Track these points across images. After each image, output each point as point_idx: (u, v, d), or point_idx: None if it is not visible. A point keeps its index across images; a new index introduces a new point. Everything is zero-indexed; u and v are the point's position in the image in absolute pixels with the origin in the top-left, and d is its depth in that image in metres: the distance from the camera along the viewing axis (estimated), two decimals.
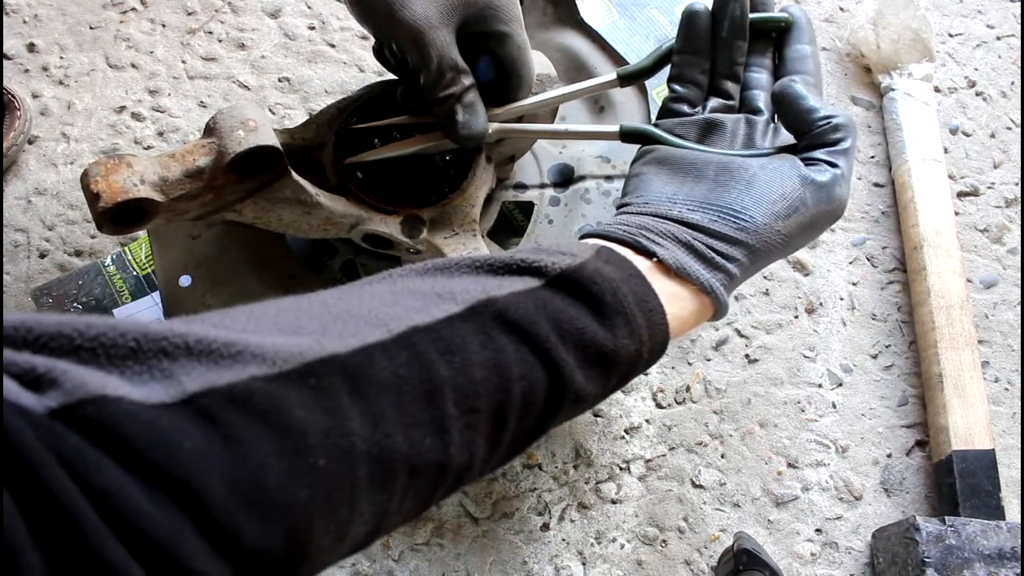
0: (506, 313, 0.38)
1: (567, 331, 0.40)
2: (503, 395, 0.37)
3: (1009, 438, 0.90)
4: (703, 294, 0.47)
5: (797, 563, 0.84)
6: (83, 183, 0.61)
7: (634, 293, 0.43)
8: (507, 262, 0.42)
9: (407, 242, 0.77)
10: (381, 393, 0.33)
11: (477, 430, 0.36)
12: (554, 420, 0.41)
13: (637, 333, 0.43)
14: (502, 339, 0.37)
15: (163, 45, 1.02)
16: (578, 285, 0.41)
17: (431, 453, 0.34)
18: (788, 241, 0.49)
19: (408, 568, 0.81)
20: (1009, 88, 1.08)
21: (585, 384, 0.41)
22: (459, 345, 0.36)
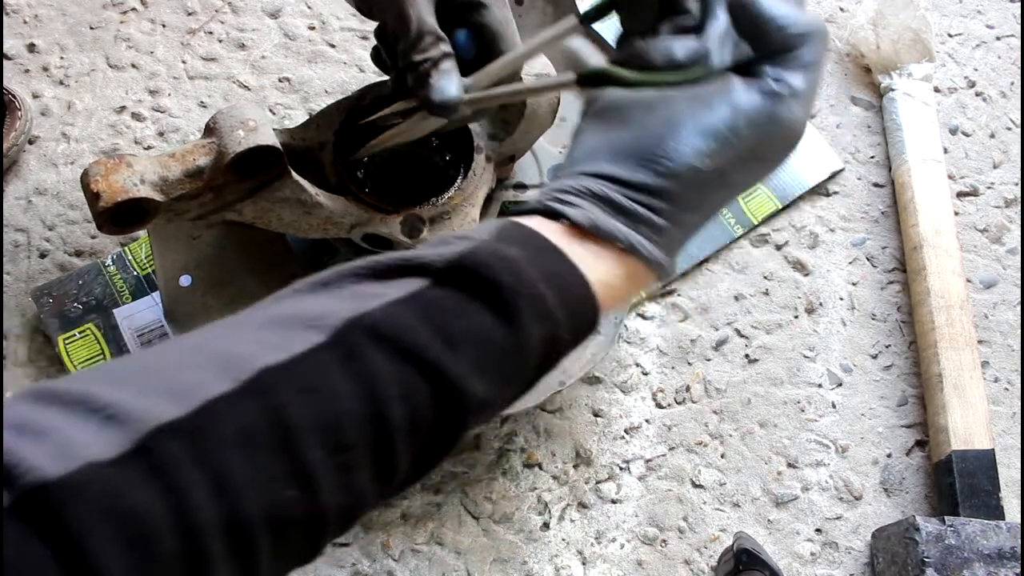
0: (378, 328, 0.35)
1: (454, 333, 0.36)
2: (379, 423, 0.34)
3: (1009, 438, 0.90)
4: (628, 253, 0.42)
5: (797, 563, 0.84)
6: (83, 183, 0.61)
7: (542, 269, 0.39)
8: (391, 264, 0.39)
9: (407, 242, 0.77)
10: (226, 452, 0.30)
11: (356, 468, 0.33)
12: (463, 431, 0.37)
13: (548, 313, 0.38)
14: (374, 360, 0.34)
15: (163, 45, 1.02)
16: (468, 275, 0.37)
17: (296, 506, 0.31)
18: (725, 180, 0.42)
19: (408, 568, 0.81)
20: (1009, 88, 1.08)
21: (488, 387, 0.37)
22: (319, 379, 0.33)
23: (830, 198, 1.00)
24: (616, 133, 0.43)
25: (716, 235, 0.95)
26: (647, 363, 0.90)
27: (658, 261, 0.42)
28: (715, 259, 0.95)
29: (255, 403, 0.31)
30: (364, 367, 0.34)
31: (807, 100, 0.42)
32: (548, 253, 0.40)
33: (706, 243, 0.95)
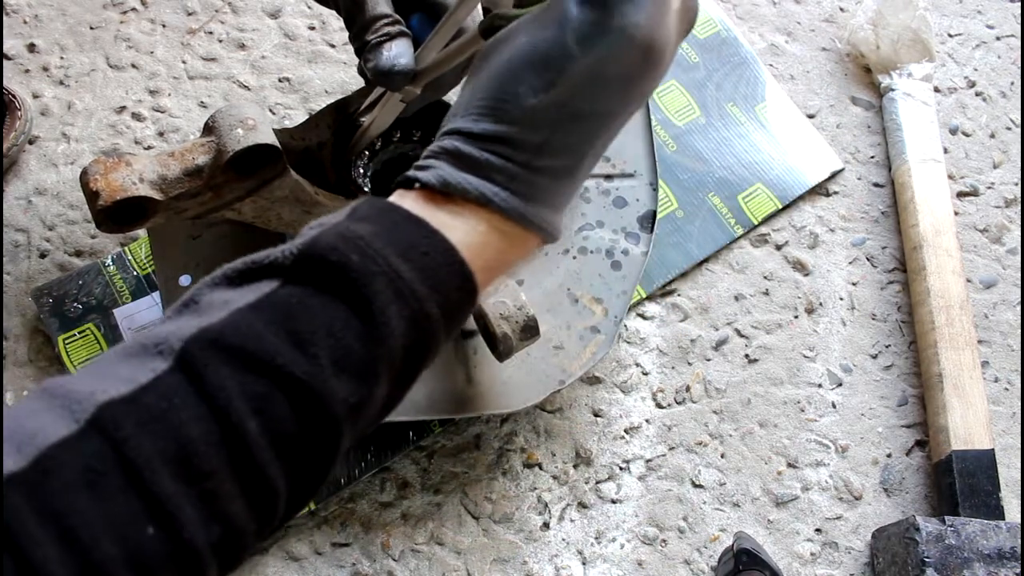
0: (223, 341, 0.33)
1: (304, 333, 0.34)
2: (235, 443, 0.32)
3: (1009, 438, 0.90)
4: (486, 208, 0.39)
5: (797, 563, 0.84)
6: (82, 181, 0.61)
7: (396, 242, 0.36)
8: (242, 268, 0.37)
9: None
10: (73, 498, 0.28)
11: (222, 494, 0.31)
12: (339, 437, 0.35)
13: (408, 290, 0.36)
14: (220, 376, 0.32)
15: (163, 45, 1.02)
16: (316, 264, 0.35)
17: (158, 545, 0.30)
18: (573, 111, 0.37)
19: (408, 568, 0.81)
20: (1009, 88, 1.08)
21: (352, 384, 0.35)
22: (164, 407, 0.31)
23: (830, 198, 1.00)
24: (475, 83, 0.40)
25: (716, 235, 0.95)
26: (647, 363, 0.90)
27: (519, 211, 0.39)
28: (715, 259, 0.95)
29: (97, 442, 0.30)
30: (210, 386, 0.32)
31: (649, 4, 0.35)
32: (404, 224, 0.37)
33: (706, 243, 0.95)
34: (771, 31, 1.09)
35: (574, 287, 0.83)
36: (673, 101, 1.02)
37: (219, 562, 0.32)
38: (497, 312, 0.70)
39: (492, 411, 0.79)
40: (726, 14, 1.08)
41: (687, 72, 1.03)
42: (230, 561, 0.33)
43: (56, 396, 0.31)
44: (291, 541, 0.81)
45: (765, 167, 0.99)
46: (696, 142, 1.00)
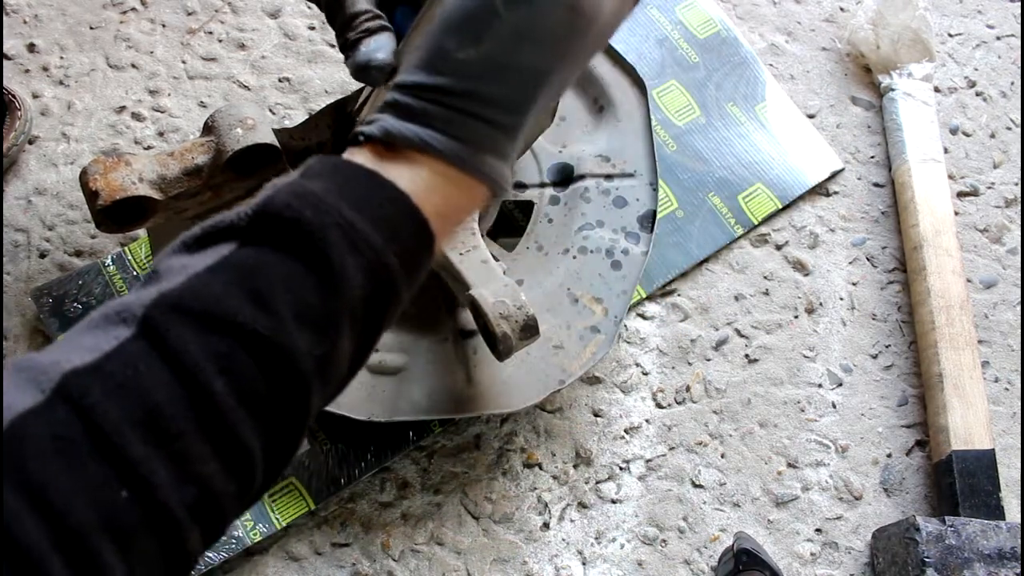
0: (183, 304, 0.33)
1: (264, 290, 0.34)
2: (203, 404, 0.32)
3: (1009, 438, 0.90)
4: (427, 154, 0.40)
5: (797, 563, 0.84)
6: (82, 181, 0.61)
7: (348, 195, 0.37)
8: (200, 233, 0.37)
9: None
10: (43, 466, 0.29)
11: (193, 457, 0.32)
12: (309, 393, 0.35)
13: (362, 240, 0.36)
14: (183, 338, 0.32)
15: (163, 45, 1.02)
16: (271, 222, 0.36)
17: (132, 508, 0.30)
18: (504, 65, 0.39)
19: (408, 568, 0.81)
20: (1009, 88, 1.08)
21: (315, 337, 0.35)
22: (129, 373, 0.31)
23: (830, 198, 1.00)
24: (418, 40, 0.42)
25: (716, 235, 0.95)
26: (647, 363, 0.90)
27: (459, 155, 0.40)
28: (715, 259, 0.95)
29: (64, 410, 0.30)
30: (173, 349, 0.32)
31: None
32: (355, 177, 0.39)
33: (706, 243, 0.95)
34: (771, 31, 1.09)
35: (574, 287, 0.83)
36: (673, 101, 1.02)
37: (200, 526, 0.32)
38: (497, 312, 0.69)
39: (492, 411, 0.79)
40: (726, 14, 1.08)
41: (687, 72, 1.03)
42: (211, 526, 0.33)
43: (22, 369, 0.31)
44: (291, 541, 0.81)
45: (765, 167, 0.99)
46: (696, 142, 1.00)
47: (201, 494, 0.32)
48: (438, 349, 0.81)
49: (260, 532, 0.79)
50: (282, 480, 0.81)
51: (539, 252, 0.86)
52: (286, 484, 0.81)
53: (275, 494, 0.81)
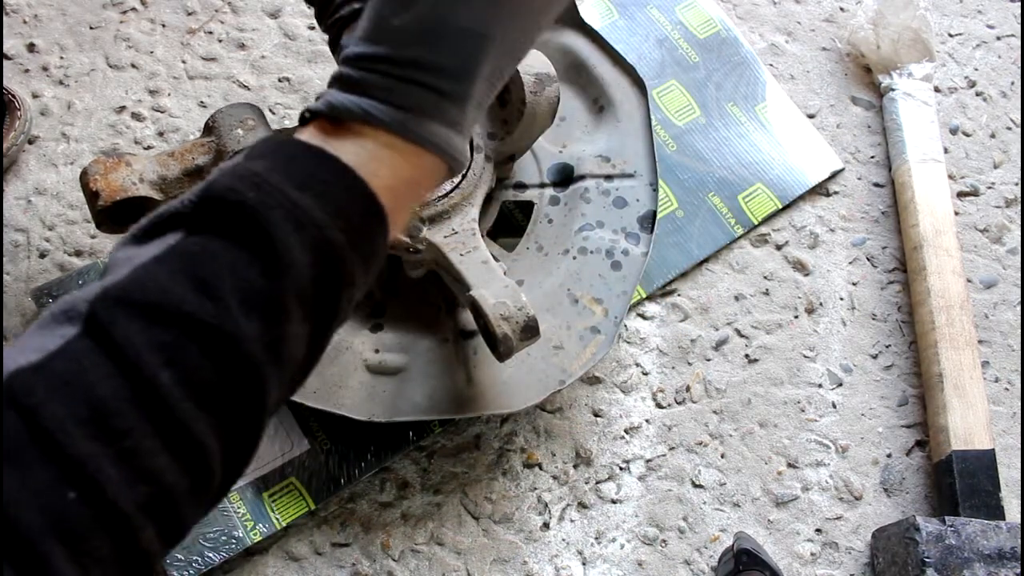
0: (127, 296, 0.32)
1: (208, 278, 0.33)
2: (150, 398, 0.31)
3: (1009, 438, 0.90)
4: (370, 125, 0.39)
5: (797, 563, 0.84)
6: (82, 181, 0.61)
7: (291, 174, 0.36)
8: (147, 224, 0.36)
9: (407, 242, 0.76)
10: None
11: (143, 452, 0.31)
12: (261, 381, 0.34)
13: (307, 218, 0.35)
14: (127, 332, 0.32)
15: (163, 45, 1.02)
16: (214, 206, 0.35)
17: (81, 509, 0.29)
18: (441, 33, 0.39)
19: (408, 568, 0.81)
20: (1009, 88, 1.08)
21: (263, 323, 0.34)
22: (74, 370, 0.31)
23: (830, 198, 1.00)
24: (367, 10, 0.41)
25: (716, 235, 0.95)
26: (647, 363, 0.90)
27: (403, 123, 0.39)
28: (715, 259, 0.95)
29: (10, 414, 0.30)
30: (118, 343, 0.32)
31: None
32: (300, 155, 0.38)
33: (706, 243, 0.95)
34: (771, 31, 1.09)
35: (574, 287, 0.83)
36: (673, 101, 1.02)
37: (155, 524, 0.32)
38: (497, 312, 0.70)
39: (492, 411, 0.79)
40: (726, 14, 1.08)
41: (687, 72, 1.03)
42: (169, 524, 0.32)
43: None
44: (291, 541, 0.81)
45: (765, 167, 0.99)
46: (696, 142, 1.00)
47: (153, 491, 0.31)
48: (438, 349, 0.81)
49: (260, 532, 0.79)
50: (282, 480, 0.81)
51: (539, 252, 0.86)
52: (286, 484, 0.81)
53: (275, 494, 0.81)
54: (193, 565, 0.77)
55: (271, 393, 0.35)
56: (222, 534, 0.79)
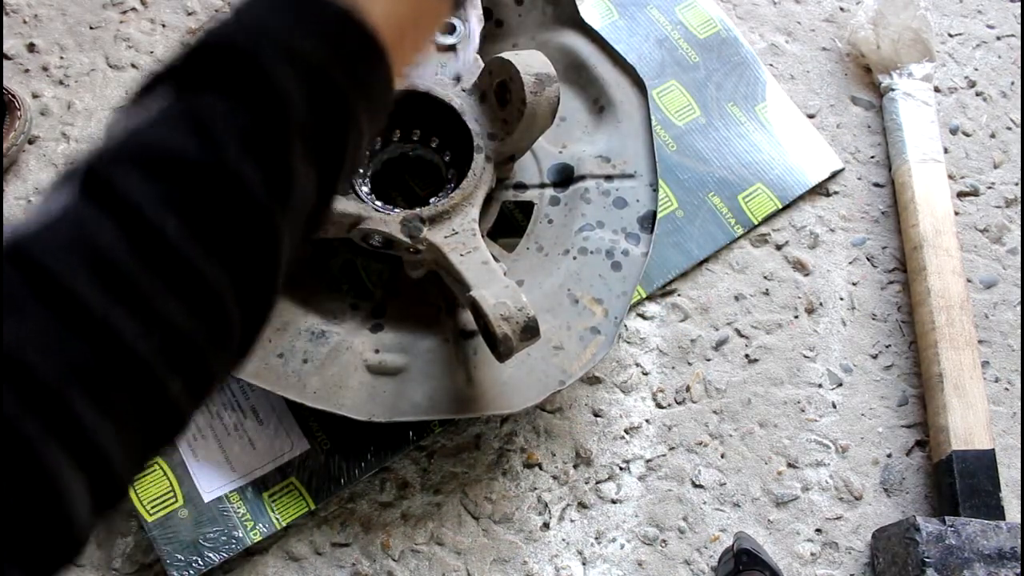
0: (124, 153, 0.32)
1: (206, 125, 0.32)
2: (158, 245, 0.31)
3: (1009, 438, 0.90)
4: None
5: (797, 563, 0.84)
6: None
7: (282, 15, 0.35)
8: (139, 87, 0.35)
9: (407, 242, 0.77)
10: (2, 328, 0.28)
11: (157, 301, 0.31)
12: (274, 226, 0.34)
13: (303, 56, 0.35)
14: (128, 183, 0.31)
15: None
16: (205, 57, 0.34)
17: (102, 359, 0.29)
18: None
19: (408, 568, 0.81)
20: (1009, 88, 1.08)
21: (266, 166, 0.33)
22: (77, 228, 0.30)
23: (830, 198, 1.00)
24: None
25: (716, 235, 0.95)
26: (647, 363, 0.90)
27: None
28: (715, 259, 0.95)
29: (12, 271, 0.29)
30: (119, 195, 0.31)
31: None
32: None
33: (706, 243, 0.95)
34: (771, 31, 1.09)
35: (574, 288, 0.83)
36: (673, 101, 1.02)
37: (179, 374, 0.31)
38: (498, 313, 0.70)
39: (492, 411, 0.79)
40: (726, 14, 1.08)
41: (687, 72, 1.03)
42: (194, 376, 0.32)
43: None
44: (291, 541, 0.81)
45: (765, 167, 0.99)
46: (696, 142, 1.00)
47: (171, 339, 0.31)
48: (438, 350, 0.81)
49: (260, 532, 0.79)
50: (282, 480, 0.81)
51: (539, 253, 0.86)
52: (286, 484, 0.81)
53: (275, 494, 0.81)
54: (193, 565, 0.77)
55: (282, 237, 0.34)
56: (222, 534, 0.79)
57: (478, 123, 0.83)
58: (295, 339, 0.80)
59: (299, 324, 0.81)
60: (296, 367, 0.79)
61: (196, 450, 0.82)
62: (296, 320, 0.81)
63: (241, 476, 0.81)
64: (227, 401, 0.83)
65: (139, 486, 0.80)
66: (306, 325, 0.81)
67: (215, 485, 0.81)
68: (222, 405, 0.83)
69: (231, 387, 0.84)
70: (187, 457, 0.81)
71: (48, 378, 0.28)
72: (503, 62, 0.79)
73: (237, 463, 0.82)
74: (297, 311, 0.81)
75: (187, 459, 0.81)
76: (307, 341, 0.80)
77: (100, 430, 0.29)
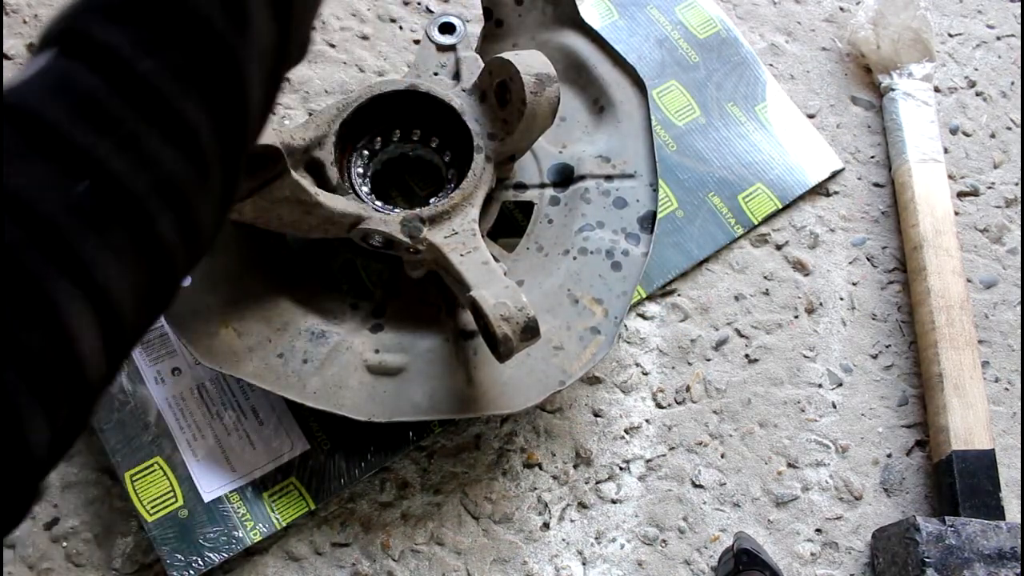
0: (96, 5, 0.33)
1: None
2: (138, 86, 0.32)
3: (1009, 438, 0.90)
4: None
5: (797, 563, 0.84)
6: None
7: None
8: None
9: (407, 242, 0.77)
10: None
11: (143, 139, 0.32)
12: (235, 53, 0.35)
13: None
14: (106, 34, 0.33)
15: None
16: None
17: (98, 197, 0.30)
18: None
19: (408, 568, 0.81)
20: (1009, 88, 1.08)
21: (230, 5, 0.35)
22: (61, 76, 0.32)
23: (830, 198, 1.00)
24: None
25: (716, 235, 0.95)
26: (647, 363, 0.90)
27: None
28: (715, 259, 0.95)
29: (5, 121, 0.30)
30: (98, 44, 0.32)
31: None
32: None
33: (706, 243, 0.95)
34: (771, 31, 1.09)
35: (574, 288, 0.83)
36: (673, 101, 1.02)
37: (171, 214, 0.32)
38: (498, 313, 0.70)
39: (492, 412, 0.79)
40: (726, 14, 1.08)
41: (687, 72, 1.03)
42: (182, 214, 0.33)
43: None
44: (291, 541, 0.81)
45: (765, 167, 0.99)
46: (696, 142, 1.00)
47: (159, 176, 0.32)
48: (438, 350, 0.81)
49: (260, 532, 0.79)
50: (282, 480, 0.81)
51: (539, 253, 0.86)
52: (286, 484, 0.81)
53: (275, 494, 0.81)
54: (193, 565, 0.77)
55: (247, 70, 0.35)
56: (222, 534, 0.79)
57: (478, 123, 0.83)
58: (295, 339, 0.80)
59: (299, 324, 0.81)
60: (296, 367, 0.79)
61: (196, 450, 0.82)
62: (296, 320, 0.81)
63: (241, 476, 0.81)
64: (227, 401, 0.83)
65: (139, 486, 0.80)
66: (306, 325, 0.81)
67: (215, 485, 0.81)
68: (222, 405, 0.83)
69: (231, 387, 0.84)
70: (187, 457, 0.81)
71: (48, 213, 0.29)
72: (503, 62, 0.79)
73: (237, 463, 0.82)
74: (297, 311, 0.82)
75: (187, 459, 0.81)
76: (307, 341, 0.80)
77: (100, 262, 0.30)
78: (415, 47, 1.03)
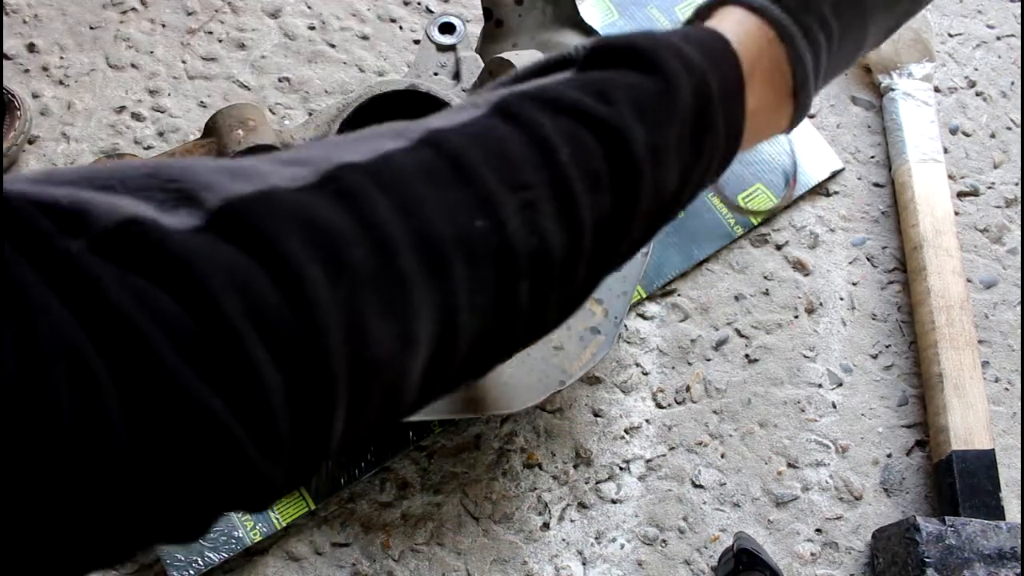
0: (529, 94, 0.36)
1: (605, 89, 0.37)
2: (552, 166, 0.34)
3: (1009, 438, 0.90)
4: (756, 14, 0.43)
5: (797, 563, 0.84)
6: None
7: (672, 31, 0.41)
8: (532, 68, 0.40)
9: None
10: (409, 182, 0.31)
11: (538, 207, 0.34)
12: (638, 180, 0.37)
13: (689, 61, 0.39)
14: (535, 114, 0.35)
15: (163, 45, 1.02)
16: (604, 52, 0.39)
17: (484, 236, 0.32)
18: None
19: (408, 568, 0.81)
20: (1009, 88, 1.08)
21: (650, 129, 0.37)
22: (487, 133, 0.34)
23: (830, 198, 1.00)
24: None
25: (716, 235, 0.95)
26: (647, 363, 0.90)
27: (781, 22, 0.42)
28: (715, 259, 0.95)
29: (430, 151, 0.32)
30: (525, 119, 0.35)
31: None
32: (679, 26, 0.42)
33: (706, 243, 0.95)
34: None
35: None
36: None
37: (531, 280, 0.34)
38: None
39: (492, 412, 0.79)
40: None
41: None
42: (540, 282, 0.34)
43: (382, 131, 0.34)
44: (291, 541, 0.81)
45: (765, 167, 0.99)
46: None
47: (538, 248, 0.34)
48: None
49: (260, 532, 0.79)
50: None
51: None
52: None
53: None
54: (193, 565, 0.77)
55: (644, 196, 0.38)
56: (222, 534, 0.79)
57: None
58: None
59: None
60: None
61: None
62: None
63: None
64: None
65: None
66: None
67: None
68: None
69: None
70: None
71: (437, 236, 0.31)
72: (503, 62, 0.79)
73: None
74: None
75: None
76: None
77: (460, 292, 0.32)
78: (415, 47, 1.03)
